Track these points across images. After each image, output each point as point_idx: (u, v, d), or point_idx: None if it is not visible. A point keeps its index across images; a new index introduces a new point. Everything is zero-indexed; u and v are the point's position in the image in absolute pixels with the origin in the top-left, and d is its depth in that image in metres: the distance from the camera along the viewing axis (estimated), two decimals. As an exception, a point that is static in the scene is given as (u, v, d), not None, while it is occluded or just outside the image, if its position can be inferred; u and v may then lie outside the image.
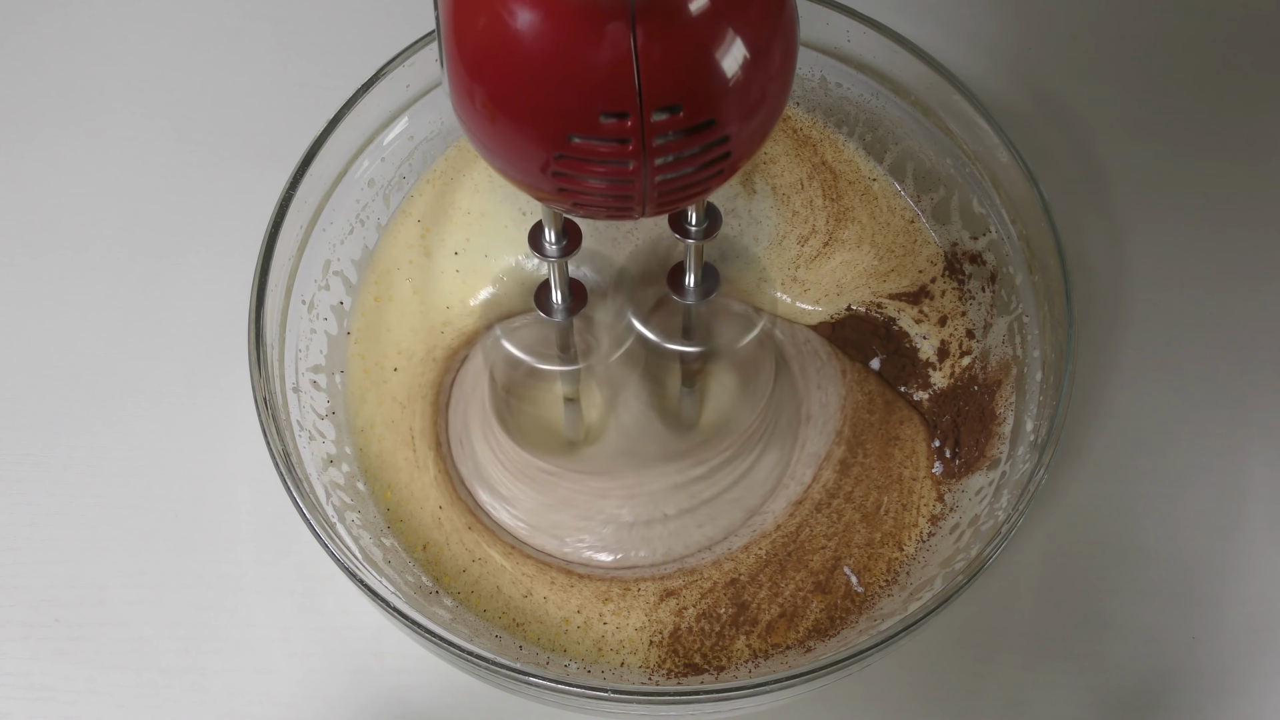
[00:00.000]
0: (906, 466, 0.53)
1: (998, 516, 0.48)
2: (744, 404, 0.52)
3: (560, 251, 0.43)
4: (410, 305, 0.56)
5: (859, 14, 0.55)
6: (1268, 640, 0.54)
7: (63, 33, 0.68)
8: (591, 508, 0.52)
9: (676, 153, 0.33)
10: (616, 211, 0.35)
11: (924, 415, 0.54)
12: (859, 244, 0.57)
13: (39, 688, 0.53)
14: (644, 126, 0.32)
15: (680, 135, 0.32)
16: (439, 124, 0.57)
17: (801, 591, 0.51)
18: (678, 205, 0.35)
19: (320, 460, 0.51)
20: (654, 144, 0.32)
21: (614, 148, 0.32)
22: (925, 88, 0.55)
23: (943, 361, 0.55)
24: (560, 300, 0.45)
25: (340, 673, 0.53)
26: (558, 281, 0.44)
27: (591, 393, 0.51)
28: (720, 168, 0.34)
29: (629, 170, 0.33)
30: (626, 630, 0.50)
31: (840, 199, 0.57)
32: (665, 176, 0.33)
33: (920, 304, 0.56)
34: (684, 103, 0.32)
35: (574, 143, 0.32)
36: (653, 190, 0.34)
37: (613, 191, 0.34)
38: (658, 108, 0.31)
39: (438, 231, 0.57)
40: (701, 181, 0.35)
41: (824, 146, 0.58)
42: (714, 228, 0.43)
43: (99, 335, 0.60)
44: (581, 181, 0.34)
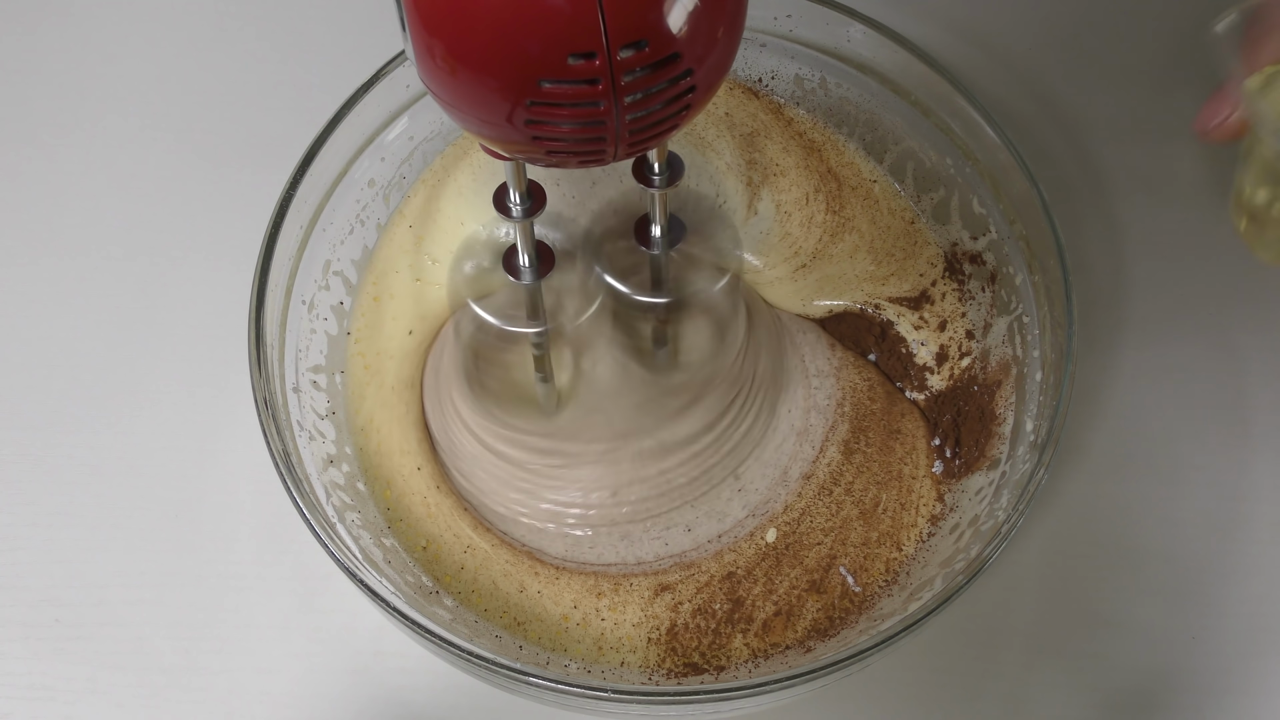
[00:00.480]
0: (906, 464, 0.53)
1: (998, 516, 0.48)
2: (718, 354, 0.52)
3: (525, 212, 0.43)
4: (409, 305, 0.56)
5: (859, 14, 0.55)
6: (1268, 640, 0.54)
7: (63, 34, 0.68)
8: (571, 474, 0.52)
9: (645, 89, 0.33)
10: (589, 156, 0.36)
11: (924, 412, 0.54)
12: (855, 252, 0.57)
13: (39, 688, 0.53)
14: (612, 65, 0.32)
15: (647, 71, 0.33)
16: (439, 124, 0.57)
17: (796, 590, 0.51)
18: (648, 145, 0.36)
19: (320, 460, 0.51)
20: (623, 82, 0.33)
21: (584, 89, 0.33)
22: (925, 88, 0.55)
23: (941, 365, 0.55)
24: (527, 262, 0.45)
25: (340, 673, 0.53)
26: (523, 244, 0.45)
27: (563, 354, 0.51)
28: (687, 101, 0.35)
29: (600, 111, 0.33)
30: (624, 627, 0.50)
31: (842, 209, 0.57)
32: (635, 115, 0.34)
33: (920, 309, 0.56)
34: (649, 38, 0.32)
35: (544, 88, 0.33)
36: (624, 130, 0.34)
37: (585, 135, 0.34)
38: (624, 44, 0.32)
39: (435, 230, 0.57)
40: (670, 118, 0.35)
41: (828, 151, 0.58)
42: (676, 175, 0.43)
43: (99, 335, 0.60)
44: (554, 128, 0.34)
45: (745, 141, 0.57)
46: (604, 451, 0.52)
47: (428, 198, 0.57)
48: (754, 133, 0.57)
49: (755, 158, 0.57)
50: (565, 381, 0.51)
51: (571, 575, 0.51)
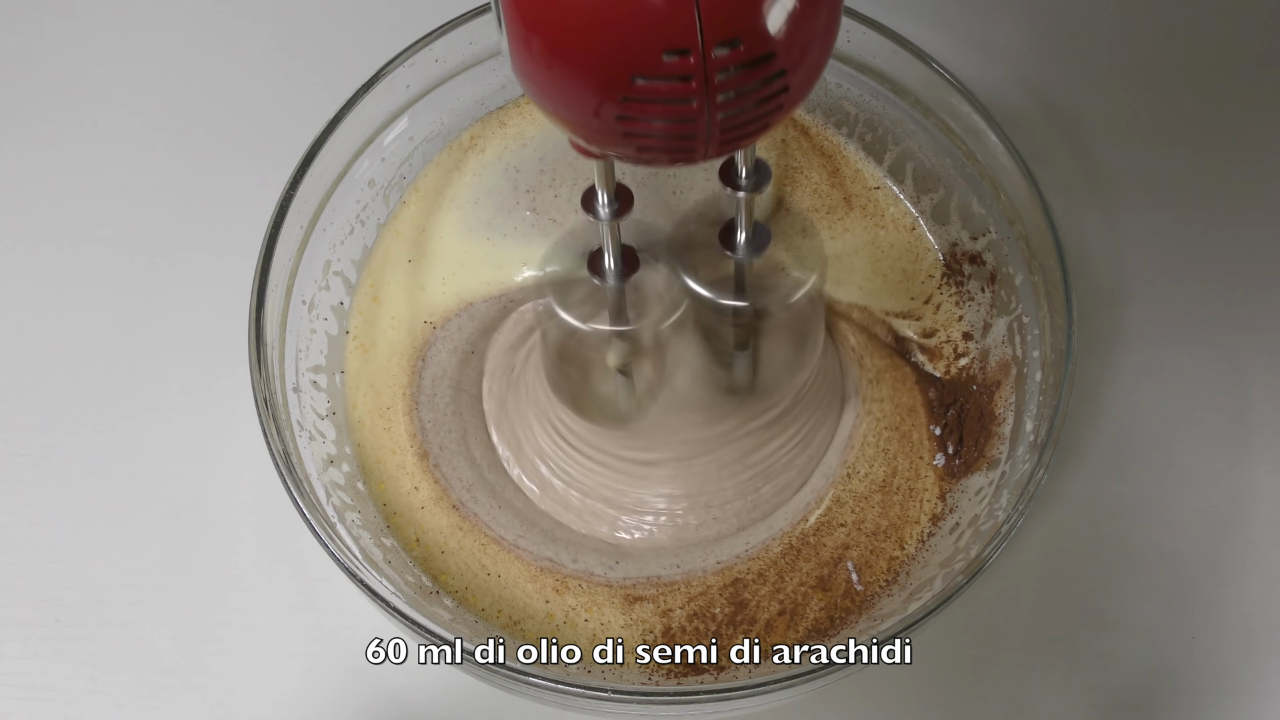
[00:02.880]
0: (910, 456, 0.53)
1: (997, 516, 0.48)
2: (796, 363, 0.52)
3: (613, 214, 0.43)
4: (409, 304, 0.56)
5: (859, 14, 0.55)
6: (1268, 640, 0.54)
7: (63, 33, 0.68)
8: (646, 479, 0.52)
9: (738, 88, 0.33)
10: (680, 154, 0.35)
11: (928, 404, 0.54)
12: (859, 258, 0.57)
13: (39, 688, 0.53)
14: (706, 63, 0.32)
15: (741, 70, 0.33)
16: (439, 124, 0.57)
17: (804, 588, 0.51)
18: (739, 144, 0.36)
19: (320, 460, 0.51)
20: (716, 80, 0.33)
21: (677, 86, 0.33)
22: (925, 88, 0.55)
23: (940, 364, 0.55)
24: (613, 264, 0.45)
25: (340, 673, 0.53)
26: (610, 245, 0.45)
27: (643, 360, 0.51)
28: (780, 102, 0.35)
29: (693, 109, 0.33)
30: (624, 628, 0.50)
31: (847, 216, 0.57)
32: (727, 114, 0.34)
33: (922, 316, 0.56)
34: (743, 37, 0.32)
35: (638, 84, 0.33)
36: (715, 128, 0.34)
37: (677, 132, 0.34)
38: (718, 43, 0.32)
39: (433, 230, 0.57)
40: (761, 118, 0.35)
41: (839, 161, 0.58)
42: (763, 181, 0.43)
43: (99, 335, 0.60)
44: (646, 124, 0.34)
45: (780, 147, 0.57)
46: (678, 459, 0.52)
47: (427, 198, 0.57)
48: (784, 140, 0.58)
49: (785, 163, 0.57)
50: (644, 384, 0.51)
51: (573, 578, 0.52)
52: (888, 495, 0.52)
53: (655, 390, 0.52)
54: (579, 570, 0.52)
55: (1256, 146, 0.65)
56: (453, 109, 0.57)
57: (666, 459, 0.52)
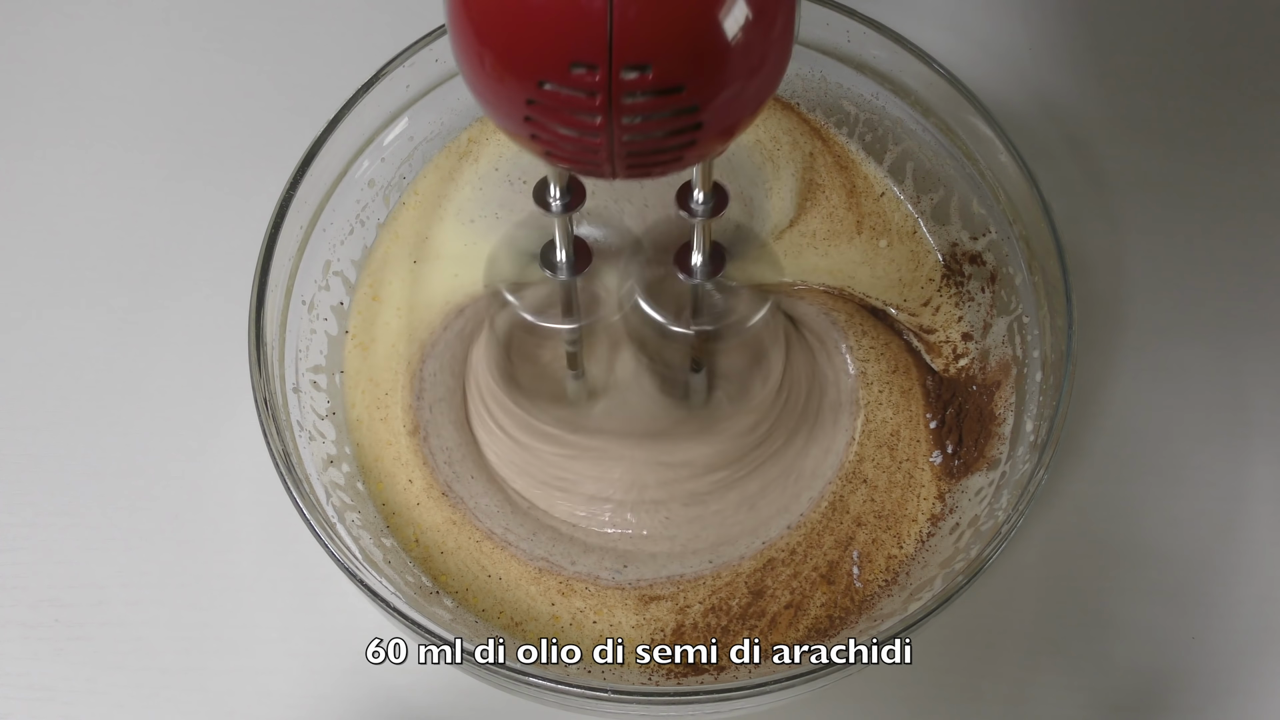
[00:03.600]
0: (910, 448, 0.53)
1: (998, 517, 0.48)
2: (753, 387, 0.52)
3: (564, 207, 0.43)
4: (409, 304, 0.56)
5: (859, 14, 0.55)
6: (1268, 640, 0.54)
7: (62, 33, 0.68)
8: (597, 470, 0.52)
9: (644, 114, 0.33)
10: (587, 166, 0.36)
11: (924, 386, 0.54)
12: (865, 262, 0.57)
13: (39, 688, 0.53)
14: (612, 81, 0.32)
15: (648, 96, 0.33)
16: (439, 124, 0.57)
17: (811, 579, 0.51)
18: (650, 171, 0.36)
19: (320, 460, 0.51)
20: (621, 101, 0.32)
21: (581, 99, 0.33)
22: (925, 88, 0.55)
23: (940, 364, 0.55)
24: (564, 258, 0.45)
25: (340, 673, 0.53)
26: (561, 239, 0.45)
27: (594, 351, 0.51)
28: (692, 137, 0.34)
29: (596, 124, 0.33)
30: (625, 628, 0.50)
31: (861, 220, 0.57)
32: (632, 137, 0.34)
33: (920, 315, 0.56)
34: (653, 63, 0.32)
35: (545, 89, 0.33)
36: (620, 149, 0.34)
37: (581, 144, 0.34)
38: (626, 65, 0.32)
39: (433, 230, 0.57)
40: (672, 149, 0.35)
41: (853, 171, 0.58)
42: (719, 207, 0.43)
43: (99, 335, 0.60)
44: (552, 129, 0.34)
45: (807, 161, 0.58)
46: (631, 453, 0.52)
47: (430, 194, 0.57)
48: (812, 153, 0.58)
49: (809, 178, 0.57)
50: (597, 378, 0.51)
51: (574, 579, 0.52)
52: (890, 484, 0.52)
53: (606, 383, 0.51)
54: (580, 572, 0.52)
55: (1256, 146, 0.65)
56: (452, 109, 0.57)
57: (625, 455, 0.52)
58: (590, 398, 0.52)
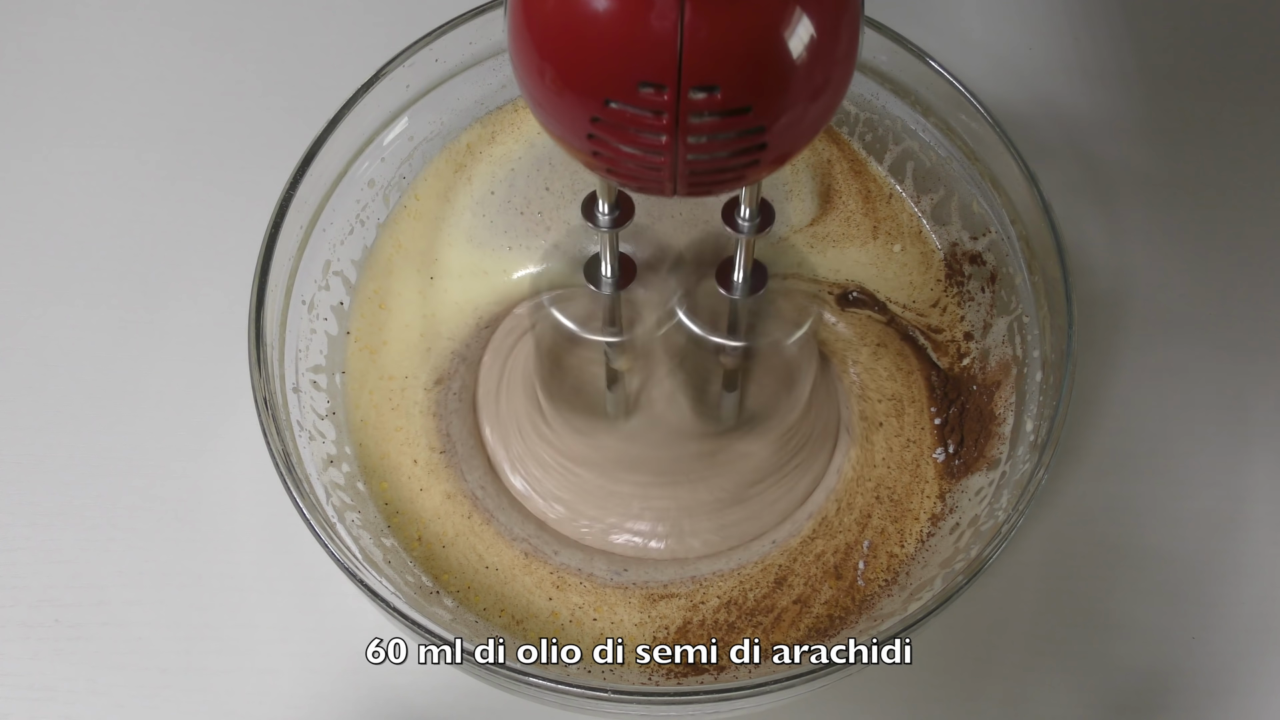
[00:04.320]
0: (914, 442, 0.53)
1: (998, 517, 0.48)
2: (783, 403, 0.52)
3: (612, 223, 0.43)
4: (409, 304, 0.56)
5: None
6: (1268, 640, 0.54)
7: (63, 33, 0.68)
8: (623, 493, 0.52)
9: (710, 134, 0.33)
10: (648, 184, 0.36)
11: (928, 380, 0.54)
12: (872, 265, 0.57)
13: (39, 688, 0.53)
14: (679, 102, 0.32)
15: (715, 117, 0.33)
16: (439, 124, 0.57)
17: (819, 572, 0.51)
18: (711, 190, 0.36)
19: (320, 460, 0.51)
20: (688, 121, 0.32)
21: (648, 118, 0.33)
22: (925, 88, 0.55)
23: (940, 364, 0.55)
24: (609, 273, 0.45)
25: (340, 673, 0.53)
26: (607, 254, 0.45)
27: (632, 368, 0.51)
28: (756, 157, 0.34)
29: (661, 144, 0.33)
30: (626, 627, 0.50)
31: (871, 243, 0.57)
32: (697, 156, 0.34)
33: (927, 315, 0.56)
34: (722, 84, 0.32)
35: (611, 107, 0.33)
36: (684, 168, 0.34)
37: (644, 162, 0.34)
38: (695, 85, 0.32)
39: (435, 229, 0.57)
40: (735, 168, 0.35)
41: (864, 175, 0.58)
42: (765, 224, 0.43)
43: (99, 335, 0.60)
44: (615, 148, 0.34)
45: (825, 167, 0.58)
46: (655, 474, 0.52)
47: (435, 195, 0.57)
48: (830, 160, 0.58)
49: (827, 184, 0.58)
50: (634, 391, 0.51)
51: (576, 577, 0.52)
52: (898, 477, 0.53)
53: (641, 400, 0.52)
54: (582, 571, 0.52)
55: (1256, 146, 0.65)
56: (452, 109, 0.57)
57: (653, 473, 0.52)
58: (624, 413, 0.52)
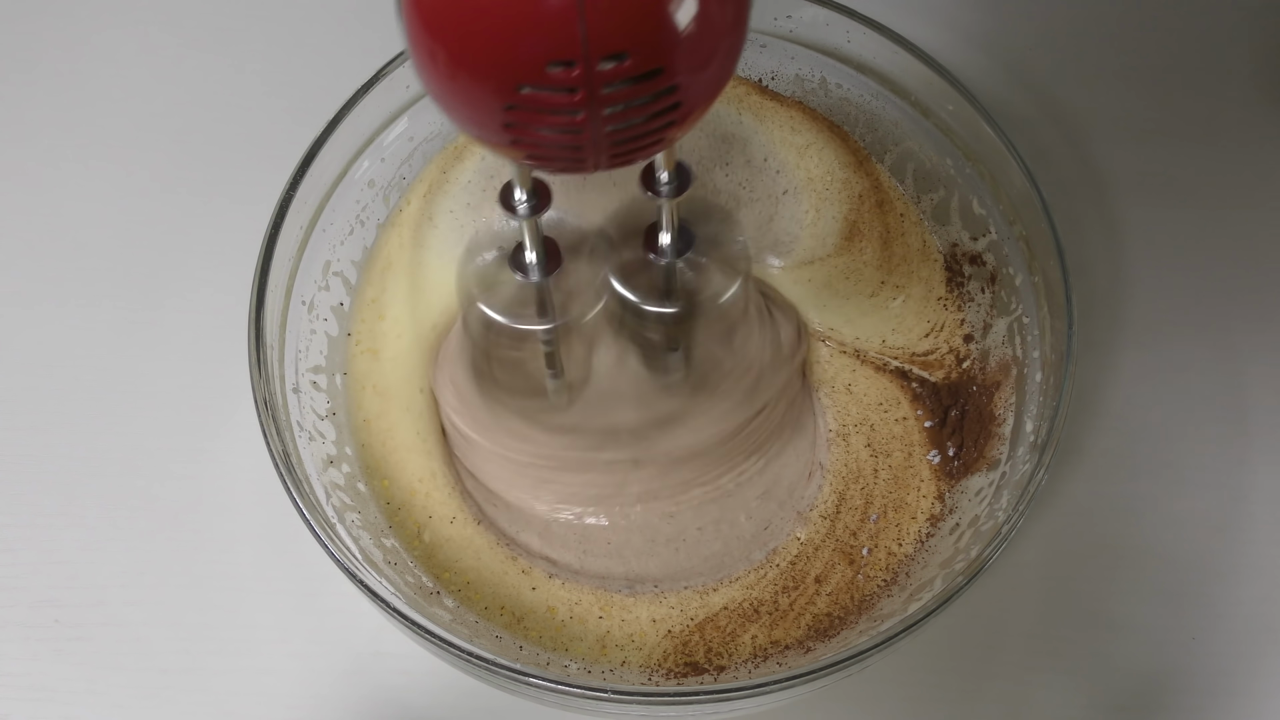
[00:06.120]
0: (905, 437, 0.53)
1: (998, 517, 0.48)
2: (728, 359, 0.52)
3: (530, 210, 0.42)
4: (409, 305, 0.56)
5: (859, 14, 0.55)
6: (1268, 640, 0.54)
7: (63, 33, 0.68)
8: (583, 469, 0.52)
9: (625, 102, 0.33)
10: (569, 164, 0.35)
11: (922, 394, 0.54)
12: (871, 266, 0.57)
13: (39, 688, 0.53)
14: (591, 75, 0.32)
15: (628, 84, 0.32)
16: (439, 124, 0.57)
17: (836, 557, 0.51)
18: (631, 158, 0.35)
19: (320, 461, 0.51)
20: (601, 93, 0.32)
21: (562, 97, 0.32)
22: (925, 88, 0.55)
23: (941, 364, 0.55)
24: (534, 260, 0.45)
25: (340, 673, 0.53)
26: (530, 241, 0.44)
27: (573, 350, 0.51)
28: (671, 118, 0.34)
29: (578, 120, 0.33)
30: (628, 626, 0.50)
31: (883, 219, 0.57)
32: (615, 126, 0.33)
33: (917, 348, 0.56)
34: (630, 50, 0.31)
35: (523, 93, 0.32)
36: (603, 140, 0.34)
37: (563, 142, 0.34)
38: (604, 56, 0.31)
39: (433, 229, 0.56)
40: (653, 132, 0.34)
41: (887, 210, 0.58)
42: (684, 185, 0.43)
43: (99, 335, 0.60)
44: (533, 132, 0.34)
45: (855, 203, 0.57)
46: (612, 446, 0.52)
47: (428, 197, 0.57)
48: (861, 194, 0.57)
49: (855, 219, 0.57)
50: (576, 377, 0.51)
51: (576, 576, 0.52)
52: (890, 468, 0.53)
53: (584, 381, 0.52)
54: (584, 574, 0.52)
55: (1256, 146, 0.65)
56: (453, 109, 0.57)
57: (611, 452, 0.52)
58: (571, 396, 0.52)
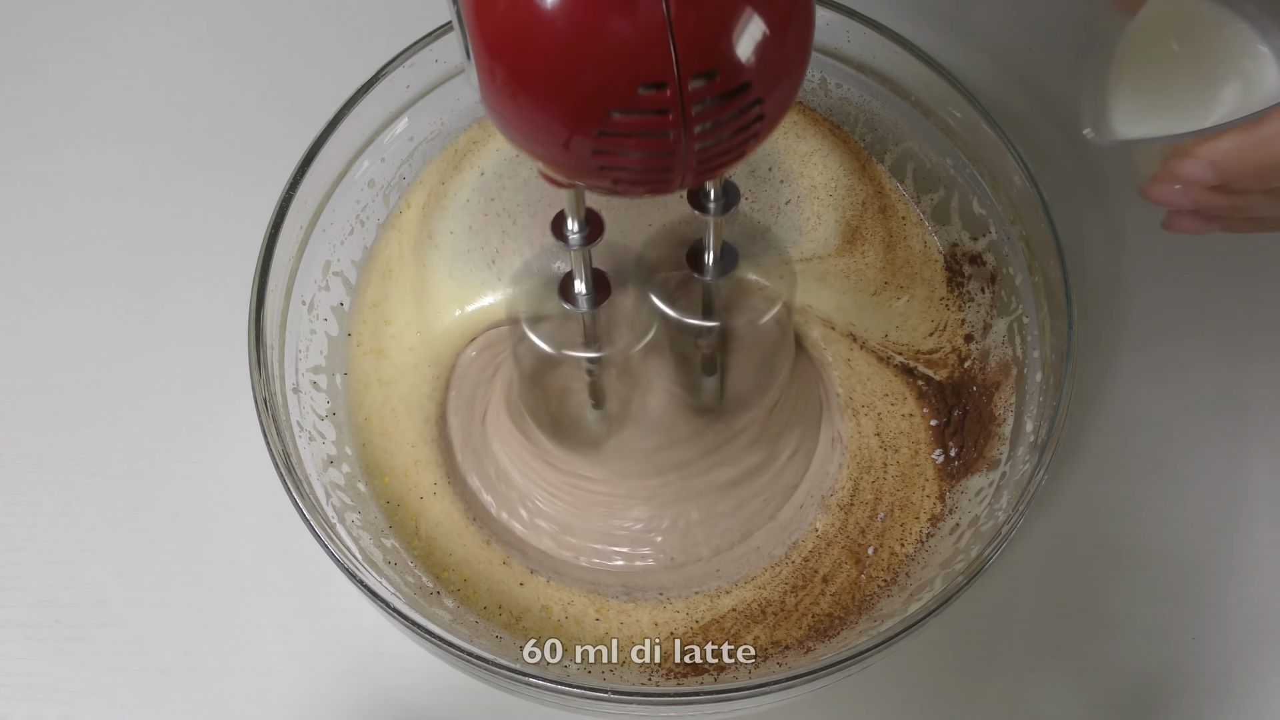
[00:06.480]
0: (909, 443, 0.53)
1: (998, 517, 0.48)
2: (764, 384, 0.52)
3: (583, 240, 0.43)
4: (409, 305, 0.56)
5: (859, 14, 0.55)
6: (1268, 640, 0.54)
7: (63, 33, 0.68)
8: (617, 512, 0.52)
9: (715, 119, 0.33)
10: (655, 185, 0.35)
11: (926, 395, 0.54)
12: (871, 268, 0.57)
13: (39, 688, 0.53)
14: (683, 95, 0.32)
15: (717, 101, 0.33)
16: (439, 124, 0.57)
17: (844, 555, 0.51)
18: (716, 172, 0.36)
19: (320, 461, 0.51)
20: (693, 112, 0.32)
21: (654, 119, 0.32)
22: (925, 88, 0.55)
23: (940, 365, 0.55)
24: (584, 290, 0.45)
25: (340, 673, 0.53)
26: (581, 271, 0.44)
27: (614, 383, 0.52)
28: (756, 130, 0.35)
29: (670, 141, 0.33)
30: (629, 628, 0.50)
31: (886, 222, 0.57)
32: (705, 144, 0.34)
33: (922, 346, 0.56)
34: (720, 67, 0.32)
35: (614, 118, 0.32)
36: (692, 159, 0.34)
37: (653, 164, 0.34)
38: (695, 74, 0.32)
39: (432, 230, 0.57)
40: (738, 145, 0.35)
41: (890, 215, 0.58)
42: (731, 203, 0.43)
43: (99, 335, 0.60)
44: (622, 157, 0.34)
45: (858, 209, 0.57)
46: (652, 484, 0.52)
47: (427, 208, 0.57)
48: (864, 201, 0.58)
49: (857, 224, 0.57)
50: (616, 409, 0.52)
51: (578, 579, 0.52)
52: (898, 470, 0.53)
53: (627, 414, 0.52)
54: (582, 571, 0.52)
55: (1256, 146, 0.65)
56: (452, 109, 0.57)
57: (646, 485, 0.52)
58: (610, 429, 0.52)
